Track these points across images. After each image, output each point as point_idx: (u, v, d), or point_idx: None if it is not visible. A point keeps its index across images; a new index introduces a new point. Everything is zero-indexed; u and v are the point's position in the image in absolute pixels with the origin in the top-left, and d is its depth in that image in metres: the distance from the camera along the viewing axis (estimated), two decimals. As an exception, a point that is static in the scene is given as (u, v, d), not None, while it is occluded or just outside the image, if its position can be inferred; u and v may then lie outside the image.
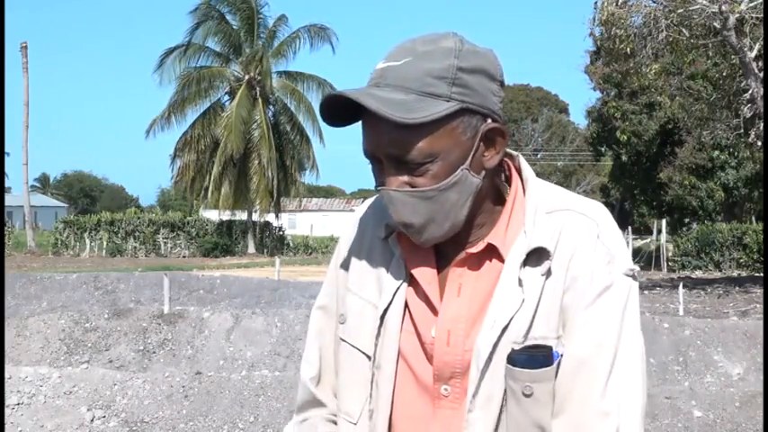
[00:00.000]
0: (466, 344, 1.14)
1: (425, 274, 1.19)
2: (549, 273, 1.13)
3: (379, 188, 1.15)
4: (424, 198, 1.11)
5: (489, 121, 1.13)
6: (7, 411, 5.91)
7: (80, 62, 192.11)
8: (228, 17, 33.16)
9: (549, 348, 1.11)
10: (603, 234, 1.16)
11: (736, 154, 24.41)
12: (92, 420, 5.98)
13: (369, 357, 1.20)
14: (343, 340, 1.24)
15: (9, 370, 6.36)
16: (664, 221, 29.78)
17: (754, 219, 30.36)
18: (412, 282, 1.20)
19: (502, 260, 1.16)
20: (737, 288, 15.58)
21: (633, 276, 1.19)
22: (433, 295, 1.17)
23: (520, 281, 1.13)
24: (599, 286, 1.14)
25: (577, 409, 1.11)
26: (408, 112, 1.06)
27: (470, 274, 1.18)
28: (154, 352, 8.77)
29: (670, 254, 27.23)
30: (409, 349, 1.19)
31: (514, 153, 1.24)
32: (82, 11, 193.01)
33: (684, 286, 12.24)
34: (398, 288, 1.19)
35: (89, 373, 6.59)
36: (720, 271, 24.50)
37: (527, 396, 1.11)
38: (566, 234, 1.15)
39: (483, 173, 1.15)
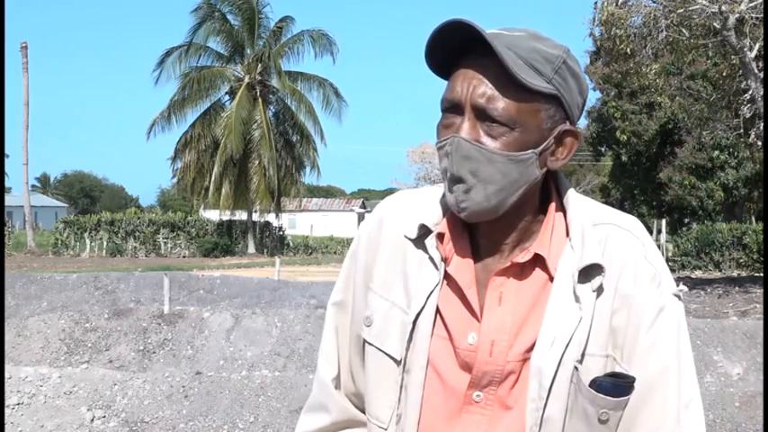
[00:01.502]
0: (509, 355, 1.14)
1: (465, 278, 1.18)
2: (600, 289, 1.13)
3: (450, 136, 1.13)
4: (489, 159, 1.12)
5: (568, 123, 1.17)
6: (7, 411, 5.91)
7: (80, 62, 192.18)
8: (230, 17, 33.17)
9: (633, 379, 1.11)
10: (649, 253, 1.19)
11: (736, 154, 24.41)
12: (92, 420, 5.98)
13: (397, 362, 1.18)
14: (371, 344, 1.22)
15: (9, 370, 6.35)
16: (664, 221, 29.79)
17: (754, 219, 30.37)
18: (445, 285, 1.18)
19: (546, 271, 1.16)
20: (737, 288, 15.58)
21: (679, 297, 1.20)
22: (473, 300, 1.16)
23: (577, 297, 1.13)
24: (654, 308, 1.15)
25: None
26: (517, 68, 1.09)
27: (512, 283, 1.17)
28: (154, 352, 8.77)
29: (670, 254, 27.23)
30: (439, 354, 1.17)
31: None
32: (82, 11, 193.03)
33: (684, 286, 12.22)
34: (432, 292, 1.17)
35: (89, 373, 6.59)
36: (720, 271, 24.50)
37: (602, 422, 1.12)
38: (611, 249, 1.16)
39: (544, 170, 1.16)
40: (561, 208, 1.21)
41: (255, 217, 34.11)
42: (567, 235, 1.18)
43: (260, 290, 12.84)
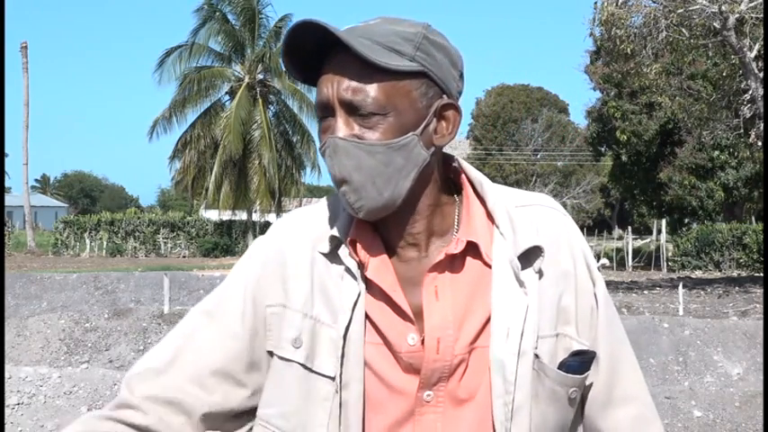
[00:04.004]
0: (455, 349, 1.12)
1: (387, 281, 1.14)
2: (541, 271, 1.14)
3: (326, 139, 1.11)
4: (369, 152, 1.08)
5: (445, 97, 1.13)
6: (7, 411, 5.91)
7: (80, 62, 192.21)
8: (230, 17, 33.17)
9: (594, 353, 1.17)
10: (576, 229, 1.22)
11: (736, 154, 24.37)
12: (92, 420, 5.97)
13: (331, 378, 1.13)
14: (301, 364, 1.15)
15: (9, 370, 6.35)
16: (664, 221, 29.77)
17: (754, 219, 30.35)
18: (369, 292, 1.14)
19: (480, 258, 1.15)
20: (737, 288, 15.58)
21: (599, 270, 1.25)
22: (401, 302, 1.12)
23: (521, 283, 1.13)
24: (598, 285, 1.20)
25: (642, 400, 1.23)
26: (376, 54, 1.06)
27: (446, 276, 1.14)
28: (154, 352, 8.77)
29: (670, 254, 27.22)
30: (377, 361, 1.13)
31: (453, 155, 1.23)
32: (82, 11, 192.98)
33: (684, 286, 12.24)
34: (356, 302, 1.13)
35: (89, 373, 6.59)
36: (720, 271, 24.50)
37: (571, 400, 1.15)
38: (544, 229, 1.17)
39: (432, 149, 1.13)
40: (474, 192, 1.20)
41: (255, 217, 34.10)
42: (491, 221, 1.17)
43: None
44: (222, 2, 32.89)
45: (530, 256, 1.14)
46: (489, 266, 1.15)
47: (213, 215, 35.80)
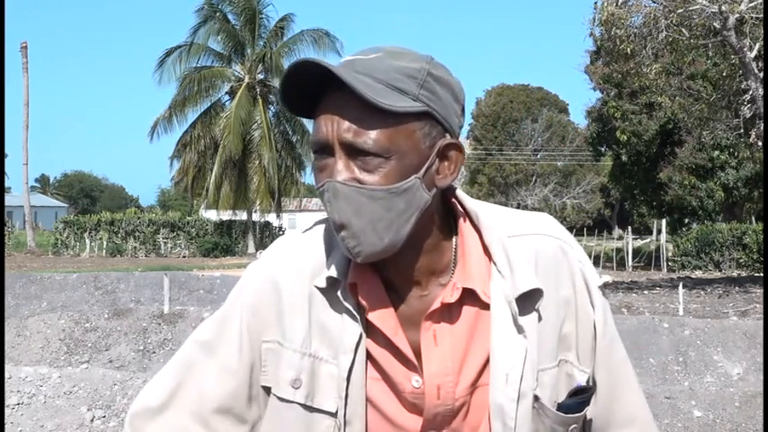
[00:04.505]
0: (456, 393, 1.12)
1: (389, 325, 1.12)
2: (540, 311, 1.13)
3: (325, 182, 1.07)
4: (370, 198, 1.04)
5: (448, 136, 1.10)
6: (7, 411, 5.90)
7: (80, 62, 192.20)
8: (231, 17, 33.18)
9: (592, 389, 1.17)
10: (574, 251, 1.19)
11: (736, 154, 24.37)
12: (92, 420, 5.98)
13: (333, 414, 1.12)
14: (301, 404, 1.14)
15: (9, 370, 6.35)
16: (664, 221, 29.77)
17: (754, 219, 30.34)
18: (369, 334, 1.13)
19: (477, 301, 1.13)
20: (737, 288, 15.57)
21: (603, 289, 1.22)
22: (404, 347, 1.11)
23: (519, 328, 1.11)
24: (598, 308, 1.19)
25: (642, 421, 1.23)
26: (379, 95, 1.02)
27: (442, 323, 1.13)
28: (154, 352, 8.77)
29: (670, 254, 27.22)
30: (380, 398, 1.13)
31: (453, 186, 1.19)
32: (82, 11, 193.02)
33: (684, 286, 12.24)
34: (359, 342, 1.11)
35: (89, 373, 6.59)
36: (720, 271, 24.50)
37: None
38: (542, 263, 1.14)
39: (434, 190, 1.10)
40: (469, 221, 1.17)
41: (255, 217, 34.12)
42: (488, 256, 1.14)
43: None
44: (223, 2, 32.90)
45: (529, 297, 1.12)
46: (488, 305, 1.13)
47: (213, 215, 35.79)
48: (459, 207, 1.18)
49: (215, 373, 1.18)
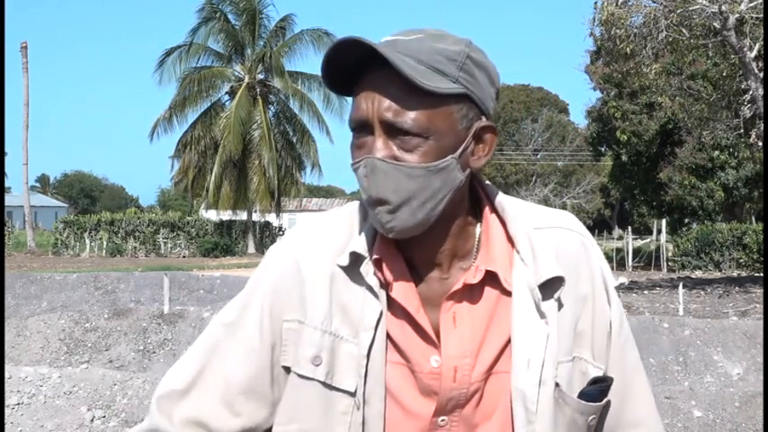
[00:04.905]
0: (472, 377, 1.12)
1: (412, 303, 1.13)
2: (561, 300, 1.14)
3: (363, 158, 1.08)
4: (408, 175, 1.07)
5: (484, 119, 1.13)
6: (7, 411, 5.90)
7: (80, 62, 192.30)
8: (231, 17, 33.18)
9: (611, 380, 1.17)
10: (595, 250, 1.21)
11: (736, 154, 24.39)
12: (92, 420, 5.98)
13: (351, 394, 1.13)
14: (320, 381, 1.14)
15: (9, 370, 6.35)
16: (664, 221, 29.78)
17: (754, 219, 30.36)
18: (390, 311, 1.14)
19: (498, 285, 1.14)
20: (737, 288, 15.57)
21: (617, 290, 1.25)
22: (425, 325, 1.12)
23: (542, 313, 1.12)
24: (615, 308, 1.21)
25: (651, 425, 1.25)
26: (421, 76, 1.04)
27: (463, 303, 1.14)
28: (154, 352, 8.77)
29: (670, 254, 27.23)
30: (396, 382, 1.14)
31: (478, 173, 1.21)
32: (82, 11, 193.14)
33: (684, 286, 12.24)
34: (379, 320, 1.12)
35: (89, 373, 6.59)
36: (720, 271, 24.50)
37: (590, 428, 1.16)
38: (563, 255, 1.16)
39: (467, 171, 1.12)
40: (493, 211, 1.18)
41: (255, 217, 34.14)
42: (511, 244, 1.16)
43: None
44: (223, 2, 32.90)
45: (550, 285, 1.13)
46: (509, 293, 1.14)
47: (213, 215, 35.80)
48: (484, 196, 1.20)
49: (238, 355, 1.19)
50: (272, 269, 1.21)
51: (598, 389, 1.15)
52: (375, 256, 1.13)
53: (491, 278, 1.14)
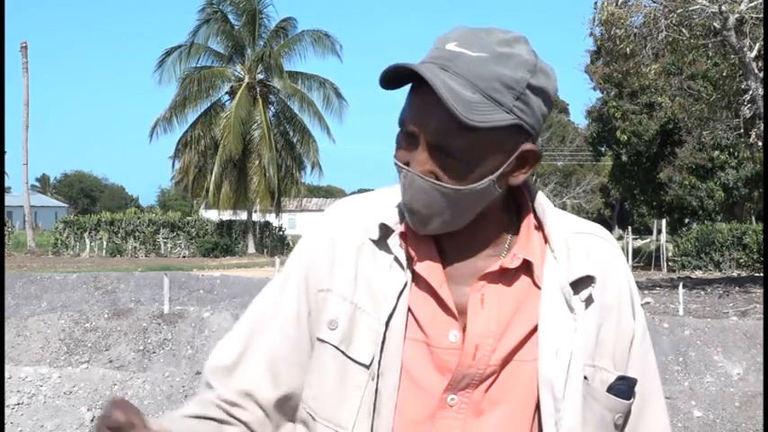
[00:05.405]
0: (491, 359, 1.12)
1: (436, 277, 1.15)
2: (589, 300, 1.15)
3: (402, 167, 1.11)
4: (443, 194, 1.09)
5: (530, 142, 1.13)
6: (7, 411, 5.91)
7: (80, 62, 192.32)
8: (231, 17, 33.19)
9: (634, 380, 1.17)
10: (624, 263, 1.23)
11: (736, 154, 24.40)
12: (92, 420, 5.98)
13: (366, 366, 1.14)
14: (336, 347, 1.16)
15: (9, 370, 6.35)
16: (664, 221, 29.77)
17: (754, 219, 30.36)
18: (414, 286, 1.15)
19: (531, 278, 1.15)
20: (737, 288, 15.58)
21: (642, 306, 1.26)
22: (447, 298, 1.14)
23: (572, 308, 1.13)
24: (639, 321, 1.22)
25: None
26: (470, 111, 1.04)
27: (494, 286, 1.15)
28: (154, 352, 8.77)
29: (670, 254, 27.23)
30: (413, 357, 1.14)
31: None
32: (82, 11, 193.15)
33: (684, 286, 12.23)
34: (401, 292, 1.14)
35: (89, 373, 6.59)
36: (720, 271, 24.51)
37: (617, 426, 1.16)
38: (595, 260, 1.17)
39: (505, 186, 1.14)
40: (533, 209, 1.20)
41: (255, 217, 34.14)
42: (546, 244, 1.17)
43: (260, 290, 12.81)
44: (223, 2, 32.91)
45: (580, 284, 1.14)
46: (538, 287, 1.15)
47: (213, 215, 35.80)
48: (526, 192, 1.21)
49: (279, 328, 1.23)
50: (309, 243, 1.25)
51: (627, 385, 1.15)
52: (402, 230, 1.16)
53: (526, 268, 1.15)
